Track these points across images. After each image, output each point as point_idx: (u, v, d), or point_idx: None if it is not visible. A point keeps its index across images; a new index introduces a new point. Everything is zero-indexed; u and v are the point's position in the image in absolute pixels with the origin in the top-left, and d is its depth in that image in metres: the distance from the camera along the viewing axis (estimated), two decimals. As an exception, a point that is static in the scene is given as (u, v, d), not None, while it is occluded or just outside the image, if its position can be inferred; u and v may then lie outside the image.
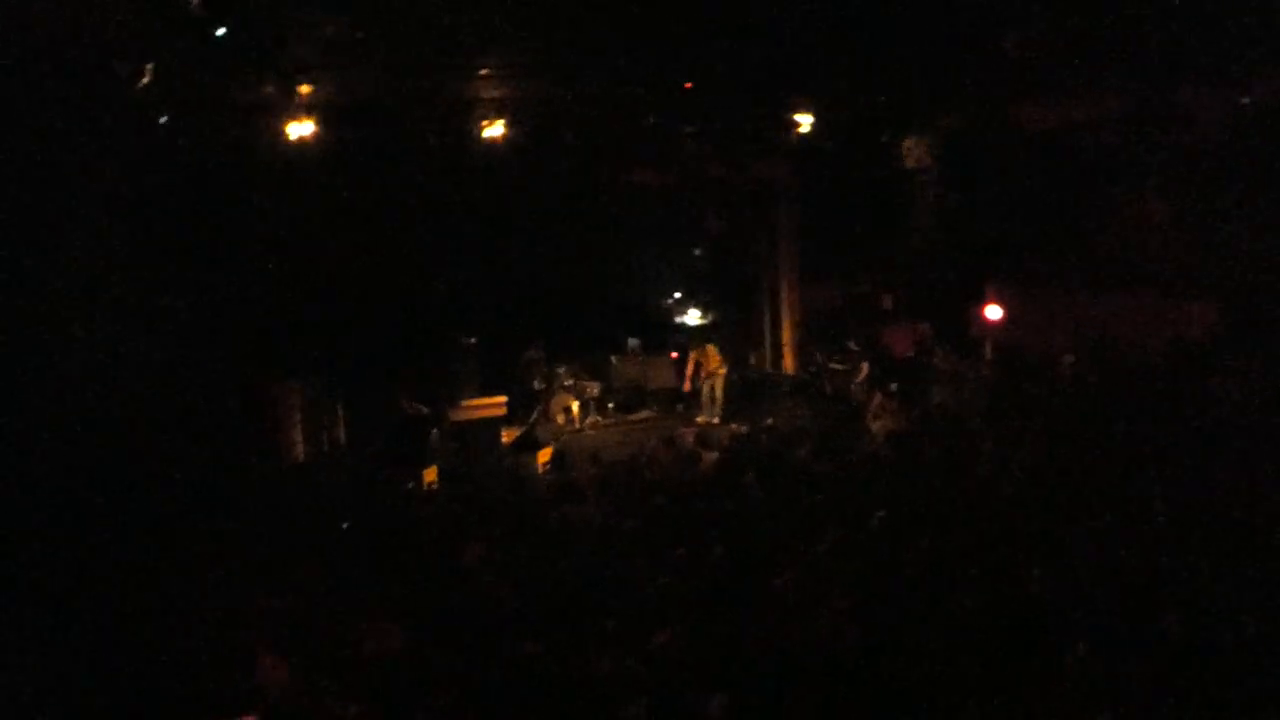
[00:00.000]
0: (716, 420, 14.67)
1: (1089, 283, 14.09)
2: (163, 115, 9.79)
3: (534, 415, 14.70)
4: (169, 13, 8.42)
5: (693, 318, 19.15)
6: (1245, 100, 12.56)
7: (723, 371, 15.16)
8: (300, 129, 11.39)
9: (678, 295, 19.68)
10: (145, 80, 8.68)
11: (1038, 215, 14.34)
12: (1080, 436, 9.39)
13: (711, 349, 15.28)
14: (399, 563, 7.58)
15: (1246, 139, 12.18)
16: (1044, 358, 13.47)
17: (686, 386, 15.47)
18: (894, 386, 13.90)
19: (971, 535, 6.64)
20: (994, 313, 14.85)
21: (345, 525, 9.05)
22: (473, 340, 13.94)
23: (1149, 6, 11.41)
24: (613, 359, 16.34)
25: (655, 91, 14.17)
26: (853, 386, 14.88)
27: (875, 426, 12.27)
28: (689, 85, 14.38)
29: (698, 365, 15.25)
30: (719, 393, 15.04)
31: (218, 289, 10.57)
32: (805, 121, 14.41)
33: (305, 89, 11.31)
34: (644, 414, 16.03)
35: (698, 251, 19.36)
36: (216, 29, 8.53)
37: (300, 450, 12.41)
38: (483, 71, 12.81)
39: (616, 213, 16.58)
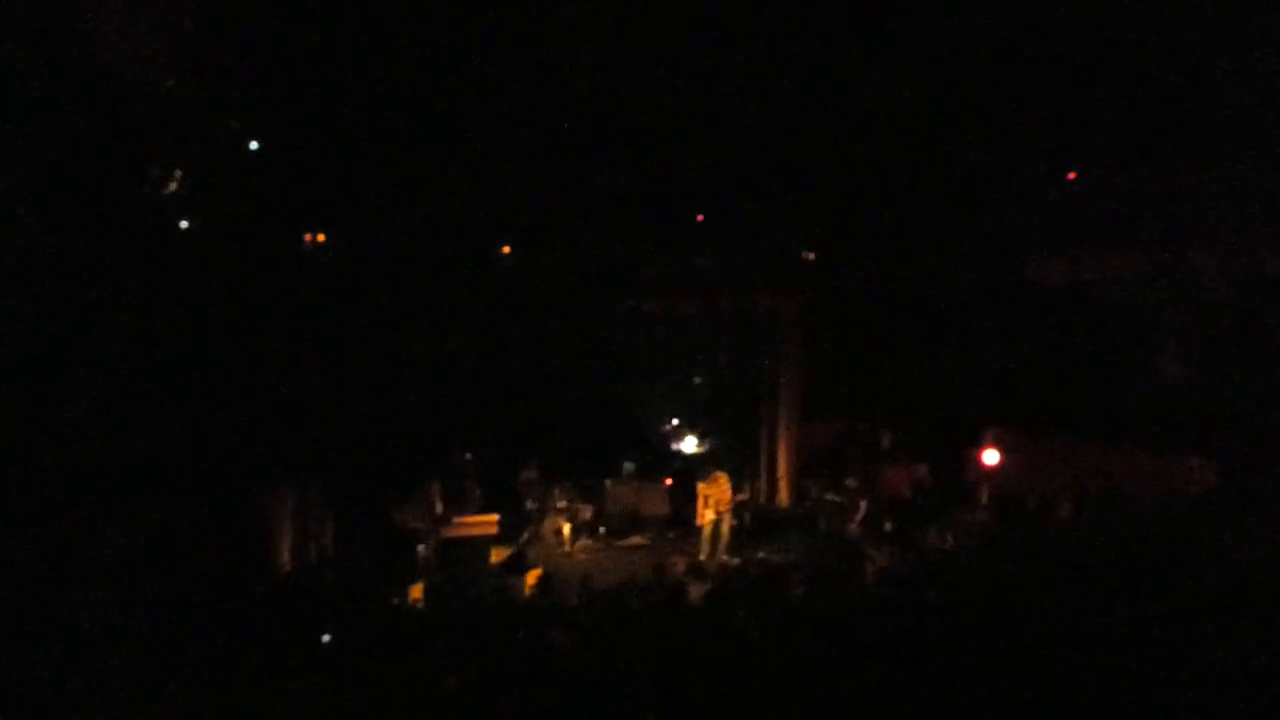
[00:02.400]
0: (721, 556, 13.93)
1: (1087, 433, 14.15)
2: (185, 220, 10.01)
3: (525, 535, 14.55)
4: (204, 125, 8.72)
5: (689, 445, 19.10)
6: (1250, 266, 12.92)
7: (729, 508, 14.28)
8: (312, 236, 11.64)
9: (675, 422, 19.68)
10: (173, 186, 8.92)
11: (1040, 365, 14.52)
12: (1075, 585, 9.26)
13: (723, 478, 14.42)
14: (379, 680, 7.39)
15: (1250, 303, 12.46)
16: (1040, 505, 13.42)
17: (700, 520, 14.26)
18: (888, 526, 13.81)
19: (968, 681, 6.48)
20: (991, 457, 14.84)
21: (327, 638, 8.88)
22: (469, 457, 13.87)
23: (1165, 170, 11.87)
24: (607, 483, 16.20)
25: (668, 221, 14.54)
26: (849, 524, 14.77)
27: (871, 566, 12.13)
28: (701, 218, 14.76)
29: (706, 497, 14.27)
30: (724, 530, 14.19)
31: (217, 391, 10.61)
32: (813, 256, 14.62)
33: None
34: (636, 540, 15.82)
35: (698, 379, 19.44)
36: (249, 143, 8.83)
37: (287, 560, 12.23)
38: (500, 191, 13.20)
39: (621, 337, 16.74)
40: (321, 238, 12.65)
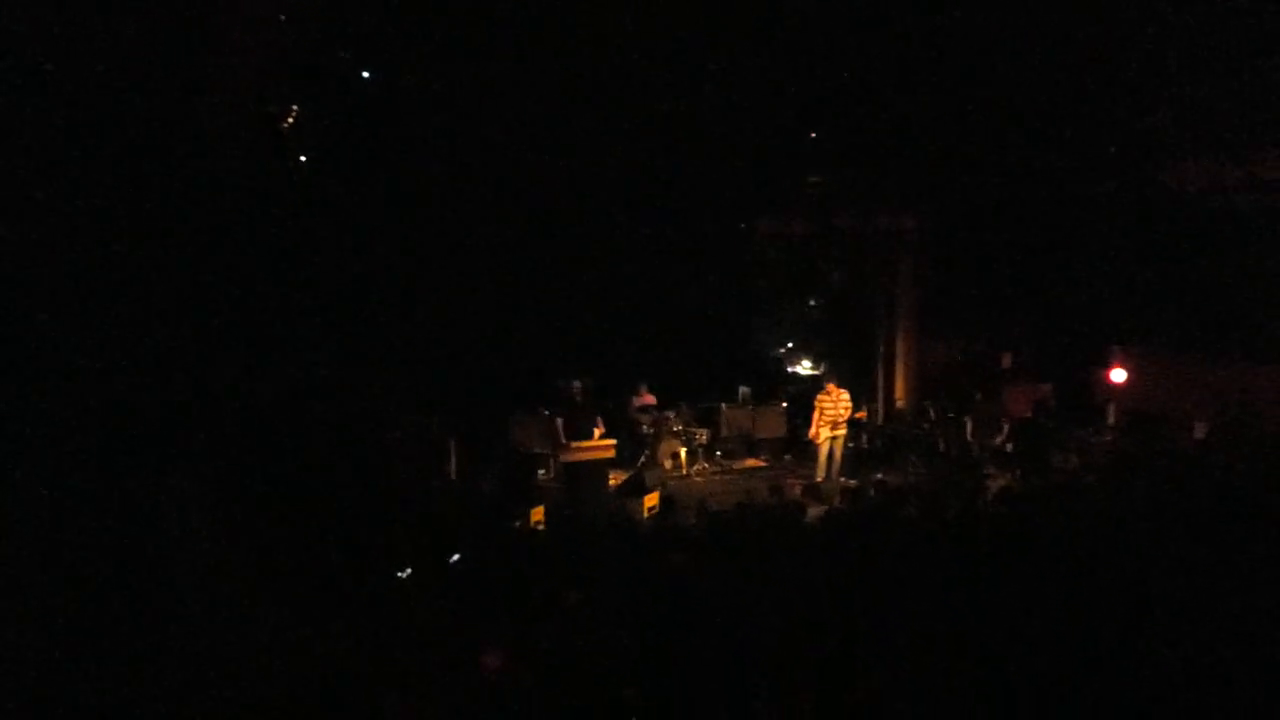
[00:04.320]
0: (839, 478, 13.61)
1: (1222, 350, 13.54)
2: (303, 155, 10.23)
3: (642, 460, 14.76)
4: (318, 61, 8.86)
5: (805, 368, 19.00)
6: None
7: (843, 430, 13.77)
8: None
9: (790, 345, 19.57)
10: (290, 121, 9.11)
11: (1172, 278, 13.88)
12: (1211, 511, 8.94)
13: (836, 390, 13.76)
14: (503, 598, 7.63)
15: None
16: (1172, 425, 12.96)
17: (813, 433, 13.87)
18: (1010, 447, 13.53)
19: (1088, 604, 6.37)
20: (1119, 376, 14.36)
21: (455, 558, 9.19)
22: (579, 384, 13.98)
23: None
24: (723, 407, 16.30)
25: (782, 139, 14.24)
26: (969, 446, 14.50)
27: (992, 487, 11.94)
28: (814, 134, 14.41)
29: (822, 410, 13.76)
30: (838, 450, 13.82)
31: (342, 322, 10.93)
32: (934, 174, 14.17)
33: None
34: (751, 462, 15.94)
35: (813, 301, 19.23)
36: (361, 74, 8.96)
37: (415, 483, 12.66)
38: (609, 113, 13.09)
39: (737, 260, 16.63)
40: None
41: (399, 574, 8.59)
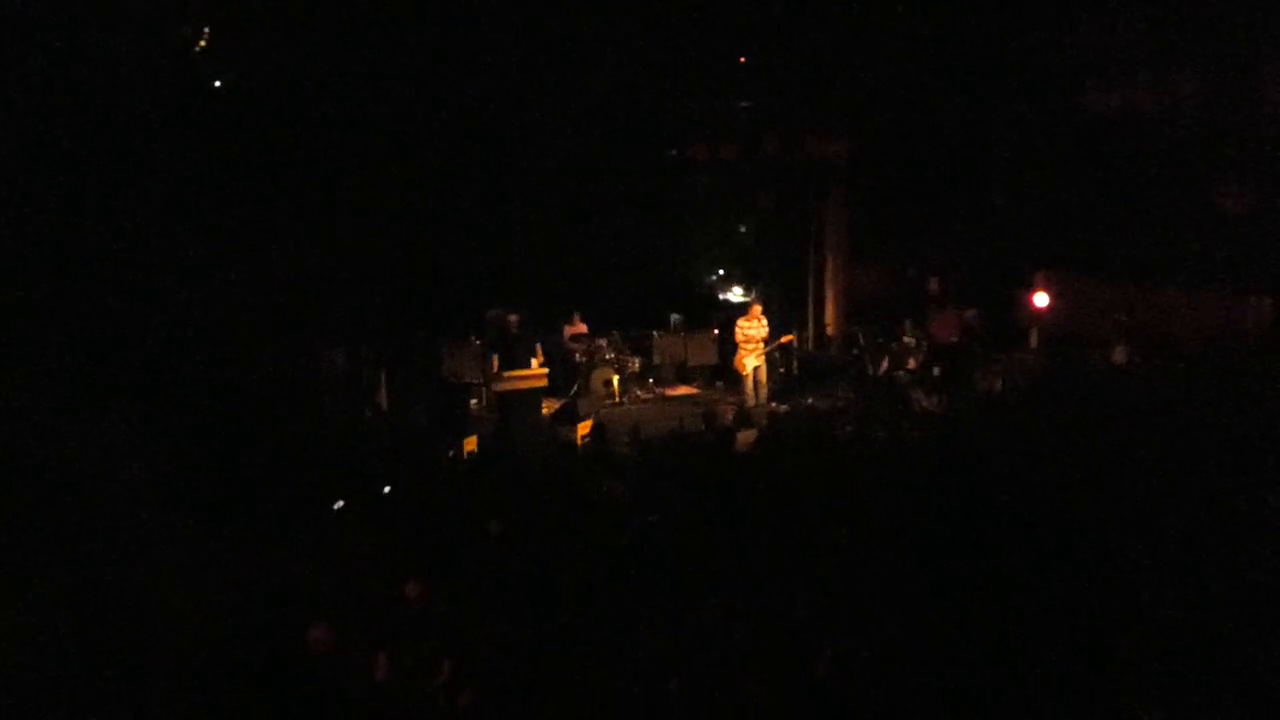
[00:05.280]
0: (769, 403, 13.88)
1: (1142, 273, 13.84)
2: (217, 78, 9.90)
3: (575, 387, 14.76)
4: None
5: (736, 295, 19.07)
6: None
7: (762, 359, 14.11)
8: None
9: (721, 272, 19.60)
10: (201, 44, 8.80)
11: (1092, 204, 14.10)
12: (1128, 428, 9.22)
13: (763, 318, 14.16)
14: (431, 528, 7.62)
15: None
16: (1092, 348, 13.28)
17: (739, 365, 14.13)
18: (937, 371, 13.77)
19: (1016, 526, 6.56)
20: (1041, 300, 14.64)
21: (386, 490, 9.15)
22: (514, 316, 13.86)
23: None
24: (655, 334, 16.33)
25: (711, 64, 14.10)
26: (897, 370, 14.68)
27: (917, 409, 12.17)
28: (743, 59, 14.29)
29: (744, 334, 14.03)
30: (763, 377, 14.16)
31: (266, 251, 10.66)
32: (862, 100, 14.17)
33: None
34: (683, 389, 16.03)
35: (744, 228, 19.25)
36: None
37: (343, 414, 12.51)
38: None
39: (666, 187, 16.52)
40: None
41: (331, 506, 8.55)
